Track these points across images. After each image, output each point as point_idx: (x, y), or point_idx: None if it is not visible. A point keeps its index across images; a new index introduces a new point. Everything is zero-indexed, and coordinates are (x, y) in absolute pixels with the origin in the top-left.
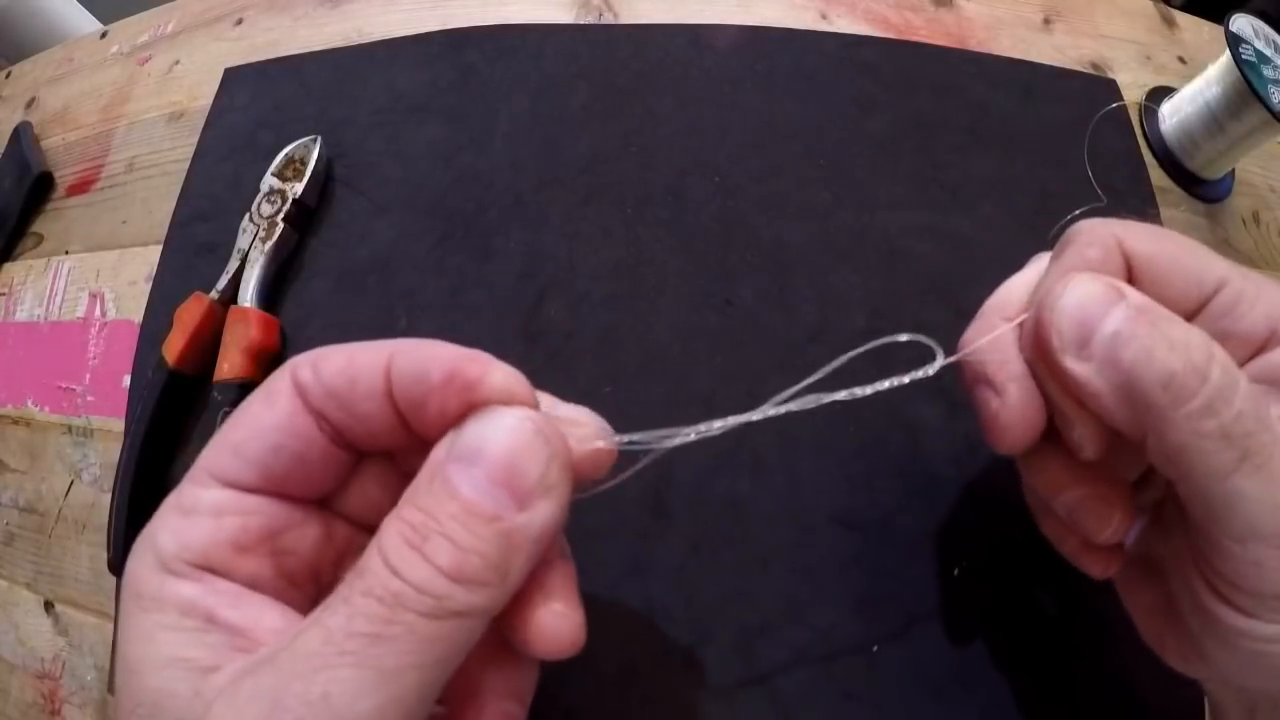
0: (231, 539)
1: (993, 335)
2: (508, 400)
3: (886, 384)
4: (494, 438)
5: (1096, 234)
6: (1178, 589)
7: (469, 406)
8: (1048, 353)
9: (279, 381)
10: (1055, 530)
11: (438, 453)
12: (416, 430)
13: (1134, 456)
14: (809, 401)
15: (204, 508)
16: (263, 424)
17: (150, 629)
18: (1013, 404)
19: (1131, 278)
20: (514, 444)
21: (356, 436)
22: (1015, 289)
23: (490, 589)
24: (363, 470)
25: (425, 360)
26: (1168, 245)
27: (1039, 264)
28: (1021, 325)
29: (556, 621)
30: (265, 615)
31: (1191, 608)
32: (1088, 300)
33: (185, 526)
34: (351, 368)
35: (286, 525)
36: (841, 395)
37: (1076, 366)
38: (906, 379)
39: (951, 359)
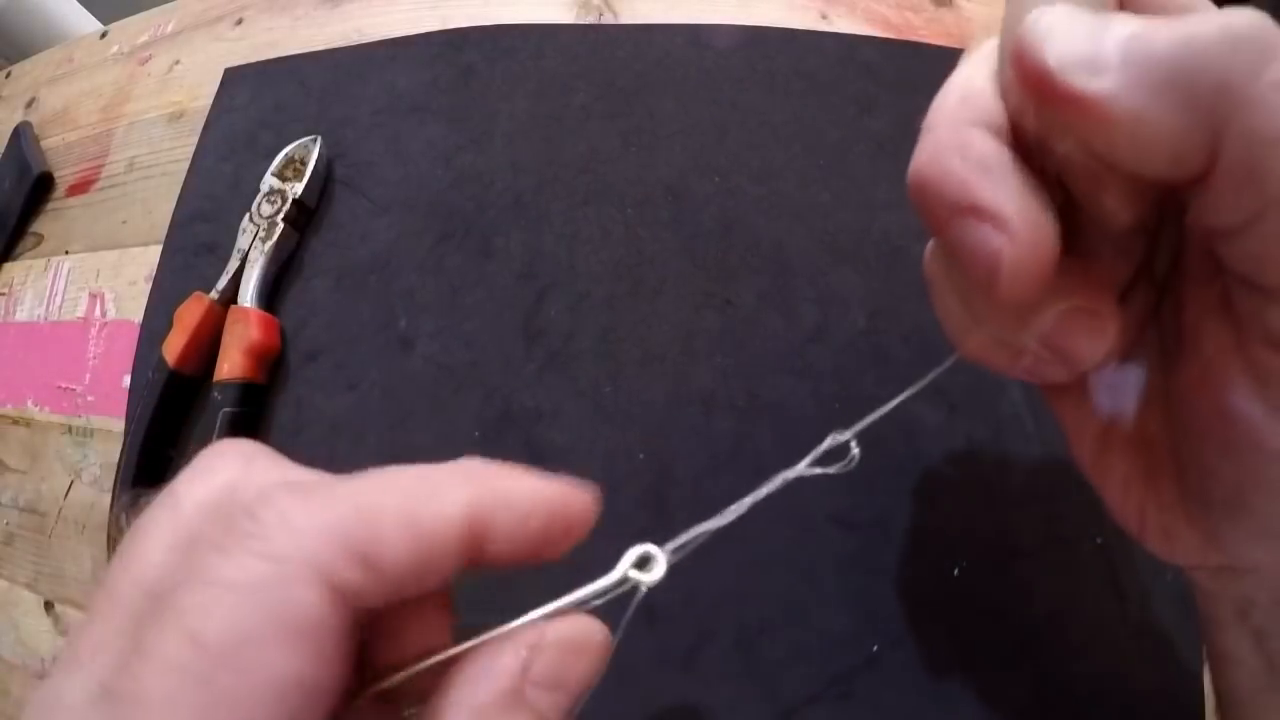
0: None
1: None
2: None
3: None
4: (578, 667)
5: None
6: (1188, 420)
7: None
8: (1047, 86)
9: (294, 607)
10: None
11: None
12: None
13: (1122, 260)
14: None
15: None
16: (285, 683)
17: None
18: (1025, 221)
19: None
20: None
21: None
22: (955, 85)
23: None
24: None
25: (524, 510)
26: None
27: (978, 52)
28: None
29: None
30: None
31: (1213, 418)
32: (1076, 11)
33: None
34: (420, 544)
35: None
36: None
37: (1095, 83)
38: (831, 469)
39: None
